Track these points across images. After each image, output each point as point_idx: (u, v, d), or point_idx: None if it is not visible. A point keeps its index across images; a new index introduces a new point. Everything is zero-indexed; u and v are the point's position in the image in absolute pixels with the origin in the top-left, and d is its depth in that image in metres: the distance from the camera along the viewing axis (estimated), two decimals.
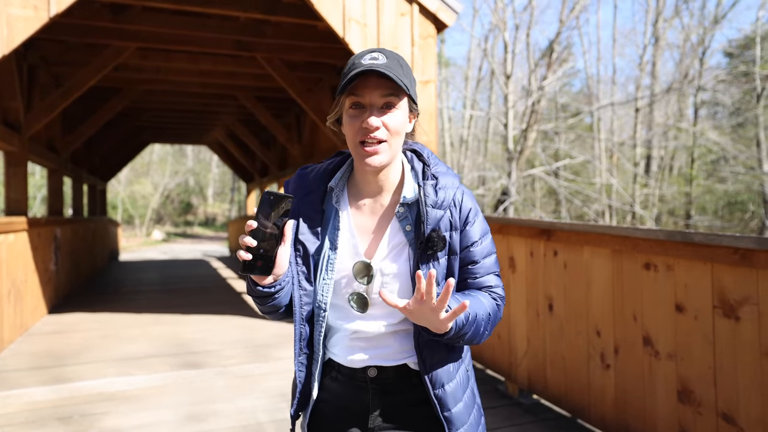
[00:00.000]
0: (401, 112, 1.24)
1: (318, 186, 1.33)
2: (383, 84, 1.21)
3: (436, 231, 1.26)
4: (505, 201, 15.37)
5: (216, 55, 7.18)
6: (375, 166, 1.23)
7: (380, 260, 1.29)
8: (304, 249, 1.29)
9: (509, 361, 3.88)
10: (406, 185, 1.31)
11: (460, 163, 22.99)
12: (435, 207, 1.27)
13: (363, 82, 1.22)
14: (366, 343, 1.32)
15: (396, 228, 1.29)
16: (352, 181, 1.35)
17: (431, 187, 1.28)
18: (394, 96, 1.22)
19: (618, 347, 2.92)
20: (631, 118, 22.22)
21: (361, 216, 1.32)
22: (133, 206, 29.15)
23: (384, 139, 1.22)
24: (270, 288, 1.22)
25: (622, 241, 2.87)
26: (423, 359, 1.29)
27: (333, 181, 1.33)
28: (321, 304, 1.31)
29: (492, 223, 4.08)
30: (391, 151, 1.25)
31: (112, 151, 13.48)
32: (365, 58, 1.21)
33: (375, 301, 1.30)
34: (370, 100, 1.22)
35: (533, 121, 15.67)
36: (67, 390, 3.86)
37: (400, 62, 1.24)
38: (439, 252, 1.27)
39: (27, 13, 3.94)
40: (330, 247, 1.30)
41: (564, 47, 17.68)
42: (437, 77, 5.71)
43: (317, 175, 1.35)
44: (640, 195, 19.06)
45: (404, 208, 1.30)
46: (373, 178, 1.30)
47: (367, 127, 1.21)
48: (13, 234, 5.22)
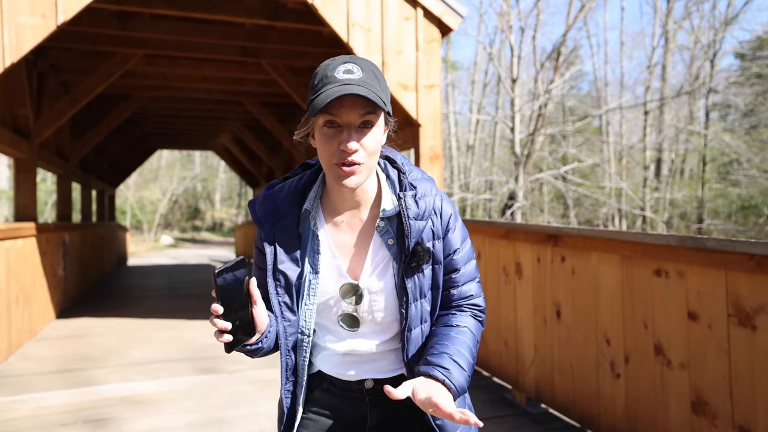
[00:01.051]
0: (378, 130, 1.18)
1: (291, 209, 1.26)
2: (361, 103, 1.14)
3: (420, 244, 1.22)
4: (513, 205, 15.28)
5: (221, 62, 7.20)
6: (352, 187, 1.17)
7: (366, 278, 1.25)
8: (285, 278, 1.23)
9: (516, 369, 3.83)
10: (384, 198, 1.25)
11: (466, 167, 22.93)
12: (417, 219, 1.22)
13: (339, 101, 1.13)
14: (359, 358, 1.30)
15: (378, 243, 1.25)
16: (326, 198, 1.28)
17: (411, 198, 1.23)
18: (372, 114, 1.15)
19: (628, 356, 2.86)
20: (640, 121, 22.08)
21: (339, 234, 1.27)
22: (142, 212, 29.30)
23: (361, 161, 1.16)
24: (257, 344, 1.19)
25: (632, 246, 2.81)
26: (413, 374, 1.26)
27: (307, 203, 1.25)
28: (304, 329, 1.27)
29: (498, 228, 4.04)
30: (368, 170, 1.19)
31: (120, 157, 13.56)
32: (338, 70, 1.13)
33: (365, 320, 1.27)
34: (348, 120, 1.14)
35: (540, 125, 15.60)
36: (73, 395, 3.85)
37: (376, 74, 1.17)
38: (424, 264, 1.23)
39: (35, 21, 3.95)
40: (311, 271, 1.25)
41: (571, 50, 17.60)
42: (442, 81, 5.68)
43: (288, 197, 1.26)
44: (651, 199, 18.90)
45: (385, 222, 1.25)
46: (349, 194, 1.25)
47: (345, 150, 1.13)
48: (22, 240, 5.23)
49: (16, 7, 3.89)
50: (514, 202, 15.31)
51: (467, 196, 18.94)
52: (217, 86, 7.99)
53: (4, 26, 3.86)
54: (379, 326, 1.27)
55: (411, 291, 1.22)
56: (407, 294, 1.23)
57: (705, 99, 19.66)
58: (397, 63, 4.83)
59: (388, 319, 1.26)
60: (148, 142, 13.59)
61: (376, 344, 1.28)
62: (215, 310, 1.08)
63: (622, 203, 18.66)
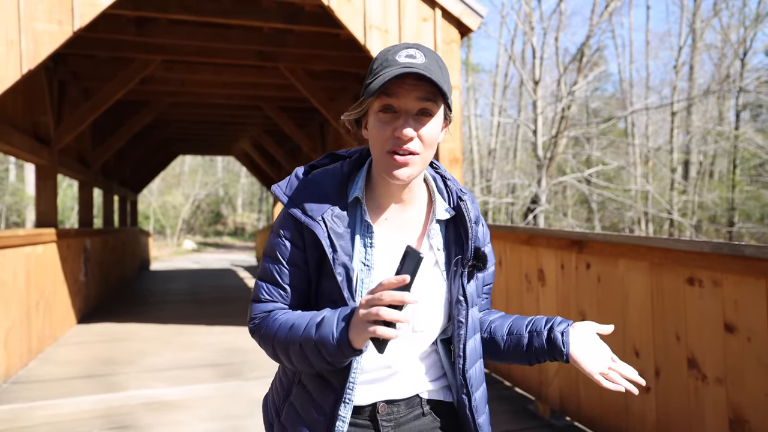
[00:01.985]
0: (437, 122, 1.10)
1: (341, 197, 1.14)
2: (421, 87, 1.06)
3: (478, 248, 1.18)
4: (535, 209, 15.05)
5: (239, 67, 7.19)
6: (403, 180, 1.09)
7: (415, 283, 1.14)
8: (346, 272, 1.09)
9: (539, 380, 3.69)
10: (438, 200, 1.20)
11: (488, 170, 22.70)
12: (475, 223, 1.19)
13: (398, 82, 1.06)
14: (378, 376, 1.18)
15: (426, 247, 1.18)
16: (370, 192, 1.18)
17: (470, 201, 1.20)
18: (432, 102, 1.07)
19: (659, 369, 2.71)
20: (667, 123, 21.61)
21: (383, 232, 1.17)
22: (165, 217, 29.69)
23: (417, 151, 1.07)
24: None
25: (662, 253, 2.67)
26: (467, 386, 1.19)
27: (357, 190, 1.15)
28: None
29: (520, 233, 3.92)
30: (423, 163, 1.11)
31: (142, 163, 13.71)
32: (400, 54, 1.06)
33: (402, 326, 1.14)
34: (405, 106, 1.06)
35: (563, 127, 15.35)
36: (91, 402, 3.84)
37: (439, 63, 1.08)
38: (479, 271, 1.19)
39: (51, 27, 3.96)
40: (363, 267, 1.12)
41: (595, 51, 17.31)
42: (462, 84, 5.57)
43: (334, 184, 1.15)
44: (678, 202, 18.44)
45: (437, 225, 1.20)
46: (397, 190, 1.15)
47: (399, 137, 1.05)
48: (42, 245, 5.26)
49: (33, 14, 3.90)
50: (536, 206, 15.08)
51: (489, 200, 18.73)
52: (236, 91, 8.00)
53: (21, 33, 3.87)
54: (414, 337, 1.16)
55: (469, 298, 1.16)
56: (467, 301, 1.16)
57: (735, 99, 19.13)
58: None
59: (426, 328, 1.17)
60: (170, 147, 13.72)
61: (407, 358, 1.17)
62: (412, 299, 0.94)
63: (648, 206, 18.24)
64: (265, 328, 1.14)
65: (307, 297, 1.17)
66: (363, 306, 0.97)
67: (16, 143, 4.80)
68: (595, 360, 1.13)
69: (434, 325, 1.17)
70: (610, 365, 1.14)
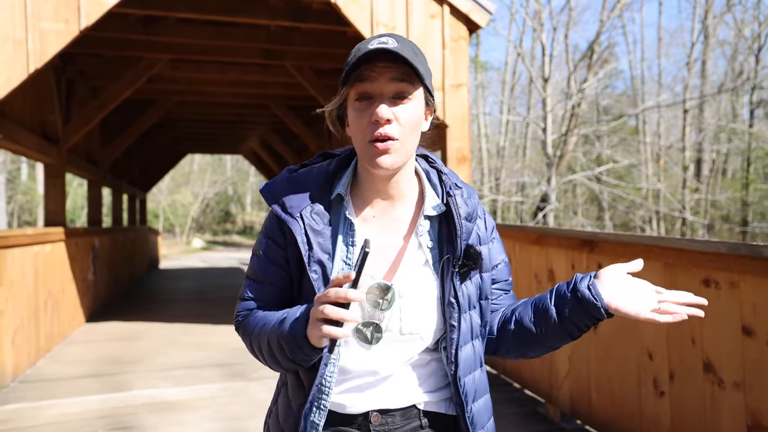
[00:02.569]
0: (416, 104, 1.05)
1: (323, 194, 1.11)
2: (393, 68, 1.02)
3: (471, 246, 1.10)
4: (545, 208, 14.93)
5: (245, 65, 7.17)
6: (387, 167, 1.04)
7: (398, 280, 1.09)
8: (322, 270, 1.06)
9: (549, 383, 3.63)
10: (428, 196, 1.13)
11: (497, 169, 22.58)
12: (467, 220, 1.11)
13: (370, 66, 1.02)
14: (369, 382, 1.11)
15: (415, 245, 1.11)
16: (357, 189, 1.14)
17: (461, 197, 1.12)
18: (407, 83, 1.03)
19: (673, 373, 2.64)
20: (679, 120, 21.36)
21: (369, 230, 1.12)
22: (174, 215, 29.82)
23: (396, 136, 1.03)
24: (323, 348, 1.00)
25: (677, 254, 2.60)
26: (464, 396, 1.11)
27: (340, 187, 1.11)
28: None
29: (529, 233, 3.86)
30: (405, 150, 1.05)
31: (151, 162, 13.74)
32: (372, 42, 1.03)
33: (390, 329, 1.08)
34: (380, 89, 1.03)
35: (573, 125, 15.21)
36: (97, 402, 3.84)
37: (414, 49, 1.05)
38: (473, 271, 1.11)
39: (58, 26, 3.94)
40: (343, 267, 1.09)
41: (605, 48, 17.14)
42: (471, 82, 5.51)
43: (319, 181, 1.12)
44: (691, 200, 18.22)
45: (427, 222, 1.12)
46: (383, 185, 1.10)
47: (376, 120, 1.01)
48: (50, 244, 5.26)
49: (40, 13, 3.89)
50: (546, 205, 14.96)
51: (498, 199, 18.61)
52: (243, 90, 7.98)
53: (28, 32, 3.86)
54: (407, 339, 1.09)
55: (463, 300, 1.09)
56: (459, 303, 1.09)
57: (749, 95, 18.85)
58: None
59: (416, 331, 1.09)
60: (178, 146, 13.74)
61: (396, 363, 1.10)
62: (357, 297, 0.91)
63: (660, 205, 18.04)
64: (245, 325, 1.15)
65: (289, 295, 1.15)
66: (314, 303, 0.96)
67: (25, 142, 4.80)
68: (637, 300, 1.06)
69: (426, 328, 1.10)
70: (658, 298, 1.07)
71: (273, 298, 1.14)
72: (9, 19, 3.83)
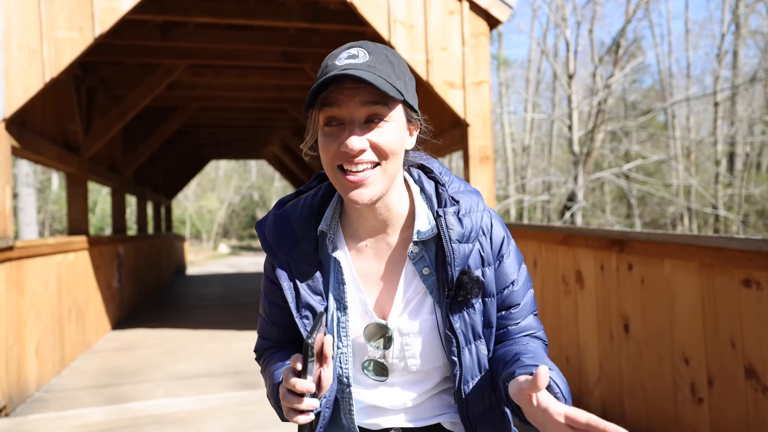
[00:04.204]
0: (394, 126, 0.94)
1: (307, 230, 1.03)
2: (364, 89, 0.91)
3: (466, 273, 0.97)
4: (572, 207, 14.61)
5: (265, 69, 7.16)
6: (364, 203, 0.93)
7: (397, 317, 1.01)
8: (313, 313, 1.01)
9: (579, 388, 3.49)
10: (419, 216, 1.01)
11: (522, 168, 22.25)
12: (462, 241, 0.98)
13: (338, 88, 0.91)
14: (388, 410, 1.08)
15: (411, 273, 1.01)
16: (345, 218, 1.05)
17: (453, 215, 0.99)
18: (380, 105, 0.92)
19: (712, 378, 2.48)
20: (709, 114, 20.75)
21: (363, 262, 1.03)
22: (201, 221, 30.20)
23: (372, 164, 0.92)
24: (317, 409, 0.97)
25: (714, 253, 2.44)
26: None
27: (323, 223, 1.02)
28: (342, 377, 1.04)
29: (556, 233, 3.72)
30: (386, 178, 0.94)
31: (174, 169, 13.86)
32: (341, 57, 0.92)
33: (396, 368, 1.04)
34: (350, 114, 0.92)
35: (600, 122, 14.86)
36: (118, 411, 3.81)
37: (390, 58, 0.94)
38: (474, 298, 0.98)
39: (72, 34, 3.95)
40: (337, 307, 1.02)
41: (632, 42, 16.71)
42: (494, 80, 5.37)
43: (303, 216, 1.04)
44: (724, 196, 17.64)
45: (419, 248, 1.00)
46: (370, 213, 1.00)
47: (346, 151, 0.91)
48: (73, 253, 5.29)
49: (54, 22, 3.89)
50: (573, 203, 14.64)
51: (524, 198, 18.32)
52: (263, 94, 7.98)
53: (43, 41, 3.87)
54: (414, 376, 1.04)
55: (461, 332, 0.98)
56: (456, 337, 0.98)
57: None
58: (442, 60, 4.58)
59: (425, 367, 1.02)
60: (201, 152, 13.85)
61: (411, 398, 1.04)
62: (309, 389, 0.85)
63: (691, 201, 17.51)
64: (262, 368, 1.15)
65: (294, 333, 1.10)
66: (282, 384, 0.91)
67: (45, 152, 4.84)
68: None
69: (432, 363, 1.02)
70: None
71: (280, 336, 1.12)
72: (24, 28, 3.85)
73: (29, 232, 12.03)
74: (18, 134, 4.17)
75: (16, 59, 3.84)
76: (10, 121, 3.93)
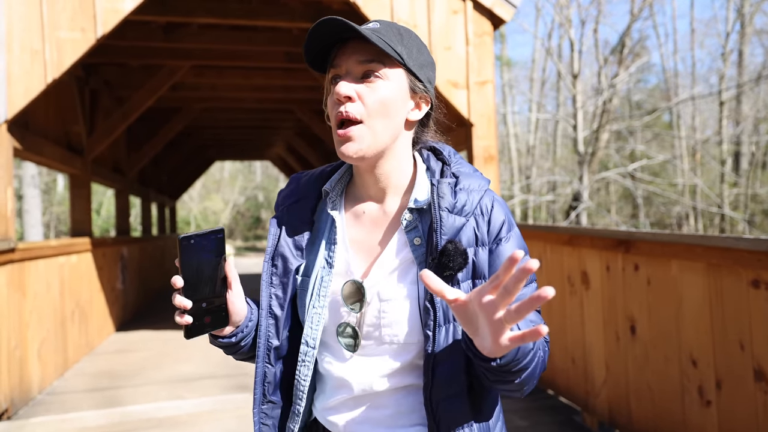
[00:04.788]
0: (389, 85, 0.95)
1: (310, 191, 1.08)
2: (363, 48, 0.96)
3: (453, 242, 0.93)
4: (577, 207, 14.55)
5: (269, 69, 7.13)
6: (350, 156, 0.95)
7: (376, 281, 0.98)
8: (284, 266, 1.03)
9: (585, 390, 3.45)
10: (418, 186, 1.01)
11: (527, 168, 22.17)
12: (452, 212, 0.96)
13: (342, 49, 0.98)
14: (357, 398, 1.00)
15: (402, 241, 0.99)
16: (352, 187, 1.08)
17: (448, 186, 0.98)
18: (376, 62, 0.95)
19: (720, 380, 2.44)
20: (715, 113, 20.61)
21: (359, 227, 1.04)
22: (205, 222, 30.24)
23: (357, 117, 0.94)
24: (231, 337, 1.02)
25: (721, 253, 2.41)
26: (436, 423, 0.94)
27: (328, 183, 1.05)
28: (308, 339, 1.01)
29: (561, 233, 3.69)
30: (372, 136, 0.95)
31: (178, 170, 13.83)
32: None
33: (370, 336, 0.98)
34: (347, 68, 0.96)
35: (605, 121, 14.79)
36: (120, 414, 3.79)
37: (401, 31, 0.98)
38: (459, 273, 0.93)
39: (74, 35, 3.93)
40: (325, 265, 1.02)
41: (636, 41, 16.64)
42: (497, 80, 5.36)
43: (312, 179, 1.09)
44: (729, 195, 17.51)
45: (413, 216, 0.99)
46: (368, 178, 1.02)
47: (337, 97, 0.94)
48: (76, 255, 5.29)
49: (56, 22, 3.88)
50: (578, 203, 14.57)
51: (529, 199, 18.25)
52: (267, 95, 7.95)
53: (45, 42, 3.86)
54: (387, 348, 0.97)
55: (441, 308, 0.93)
56: (435, 310, 0.93)
57: None
58: (446, 60, 4.55)
59: (400, 339, 0.96)
60: (205, 153, 13.83)
61: (382, 375, 0.97)
62: (175, 283, 0.91)
63: (697, 201, 17.39)
64: None
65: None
66: None
67: (48, 154, 4.83)
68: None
69: (407, 337, 0.95)
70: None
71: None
72: (25, 29, 3.84)
73: (34, 234, 12.05)
74: (20, 136, 4.16)
75: (18, 60, 3.83)
76: (12, 122, 3.92)
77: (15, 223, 3.88)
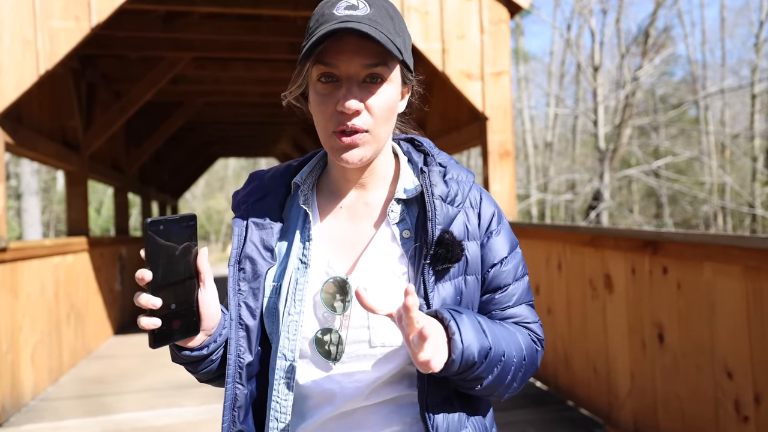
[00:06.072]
0: (392, 88, 0.90)
1: (277, 187, 1.00)
2: (366, 48, 0.86)
3: (448, 232, 0.90)
4: (598, 206, 14.15)
5: (273, 62, 6.95)
6: (354, 163, 0.90)
7: (362, 277, 0.92)
8: (253, 269, 0.94)
9: (608, 401, 3.25)
10: (403, 176, 0.97)
11: (544, 166, 21.73)
12: (446, 201, 0.93)
13: (337, 44, 0.86)
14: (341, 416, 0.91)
15: (387, 235, 0.94)
16: (326, 179, 1.01)
17: (438, 174, 0.95)
18: (382, 66, 0.88)
19: (759, 395, 2.24)
20: (746, 107, 19.98)
21: (337, 222, 0.98)
22: (209, 222, 30.21)
23: (366, 128, 0.88)
24: (202, 349, 0.90)
25: (761, 255, 2.21)
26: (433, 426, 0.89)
27: (299, 176, 0.99)
28: (286, 351, 0.91)
29: (581, 234, 3.46)
30: (377, 141, 0.91)
31: (180, 167, 13.53)
32: (338, 6, 0.87)
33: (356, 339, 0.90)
34: (347, 71, 0.87)
35: (627, 116, 14.38)
36: (115, 423, 3.65)
37: (390, 12, 0.89)
38: (453, 266, 0.91)
39: (68, 24, 3.77)
40: (299, 266, 0.94)
41: (661, 31, 16.14)
42: (513, 74, 5.12)
43: (278, 175, 1.02)
44: (762, 194, 16.91)
45: (401, 207, 0.95)
46: (355, 175, 0.97)
47: (343, 110, 0.86)
48: (72, 255, 5.13)
49: (49, 11, 3.73)
50: (599, 203, 14.17)
51: (546, 198, 17.86)
52: (271, 89, 7.74)
53: (37, 31, 3.71)
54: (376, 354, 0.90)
55: (434, 301, 0.89)
56: (428, 305, 0.89)
57: None
58: (459, 49, 4.33)
59: (389, 341, 0.90)
60: (208, 150, 13.55)
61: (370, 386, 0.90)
62: (142, 277, 0.79)
63: (726, 200, 16.83)
64: None
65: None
66: None
67: (42, 149, 4.67)
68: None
69: (397, 338, 0.89)
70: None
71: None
72: (17, 18, 3.69)
73: (33, 234, 11.96)
74: (12, 130, 4.02)
75: (9, 51, 3.69)
76: (4, 116, 3.78)
77: (6, 220, 3.73)
